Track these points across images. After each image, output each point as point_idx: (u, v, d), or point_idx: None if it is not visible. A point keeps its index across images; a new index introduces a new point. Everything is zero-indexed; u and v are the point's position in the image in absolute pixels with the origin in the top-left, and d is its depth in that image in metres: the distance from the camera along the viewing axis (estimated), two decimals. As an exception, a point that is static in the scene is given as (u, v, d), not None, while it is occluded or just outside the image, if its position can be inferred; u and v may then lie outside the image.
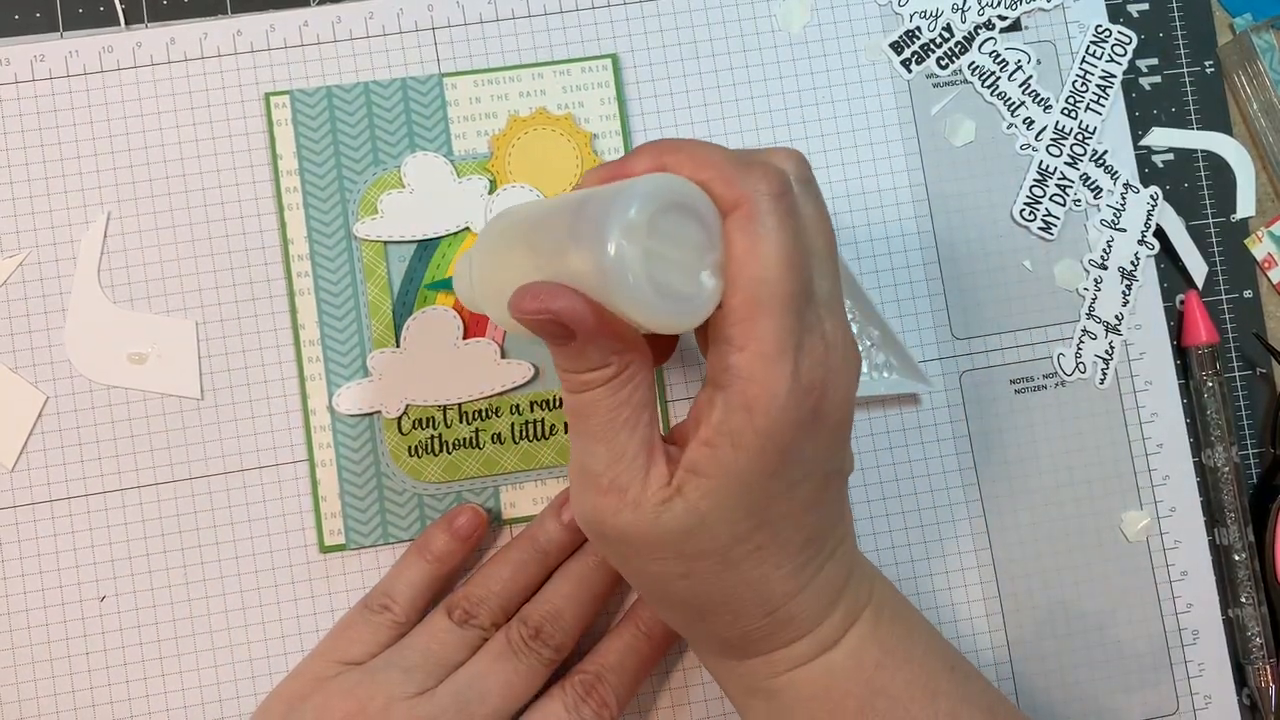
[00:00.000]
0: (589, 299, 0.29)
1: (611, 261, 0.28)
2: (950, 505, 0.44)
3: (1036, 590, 0.44)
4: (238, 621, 0.42)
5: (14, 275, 0.43)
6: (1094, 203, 0.45)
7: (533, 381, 0.43)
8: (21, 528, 0.42)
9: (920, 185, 0.45)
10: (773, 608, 0.32)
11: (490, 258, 0.34)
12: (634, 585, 0.35)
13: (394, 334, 0.43)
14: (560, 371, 0.31)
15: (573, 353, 0.30)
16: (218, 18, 0.44)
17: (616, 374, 0.30)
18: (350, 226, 0.43)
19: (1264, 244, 0.46)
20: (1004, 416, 0.45)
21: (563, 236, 0.30)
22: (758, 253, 0.28)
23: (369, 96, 0.44)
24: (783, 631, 0.33)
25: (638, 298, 0.28)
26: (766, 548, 0.31)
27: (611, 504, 0.31)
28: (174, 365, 0.43)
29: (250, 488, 0.42)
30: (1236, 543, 0.44)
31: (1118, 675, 0.44)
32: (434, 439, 0.43)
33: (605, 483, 0.31)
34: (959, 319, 0.45)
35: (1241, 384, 0.46)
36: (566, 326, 0.29)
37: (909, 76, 0.46)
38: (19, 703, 0.41)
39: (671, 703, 0.43)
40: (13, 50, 0.43)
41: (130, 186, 0.43)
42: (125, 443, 0.42)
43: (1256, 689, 0.44)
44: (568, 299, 0.29)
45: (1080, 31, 0.46)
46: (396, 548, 0.43)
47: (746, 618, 0.32)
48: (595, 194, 0.30)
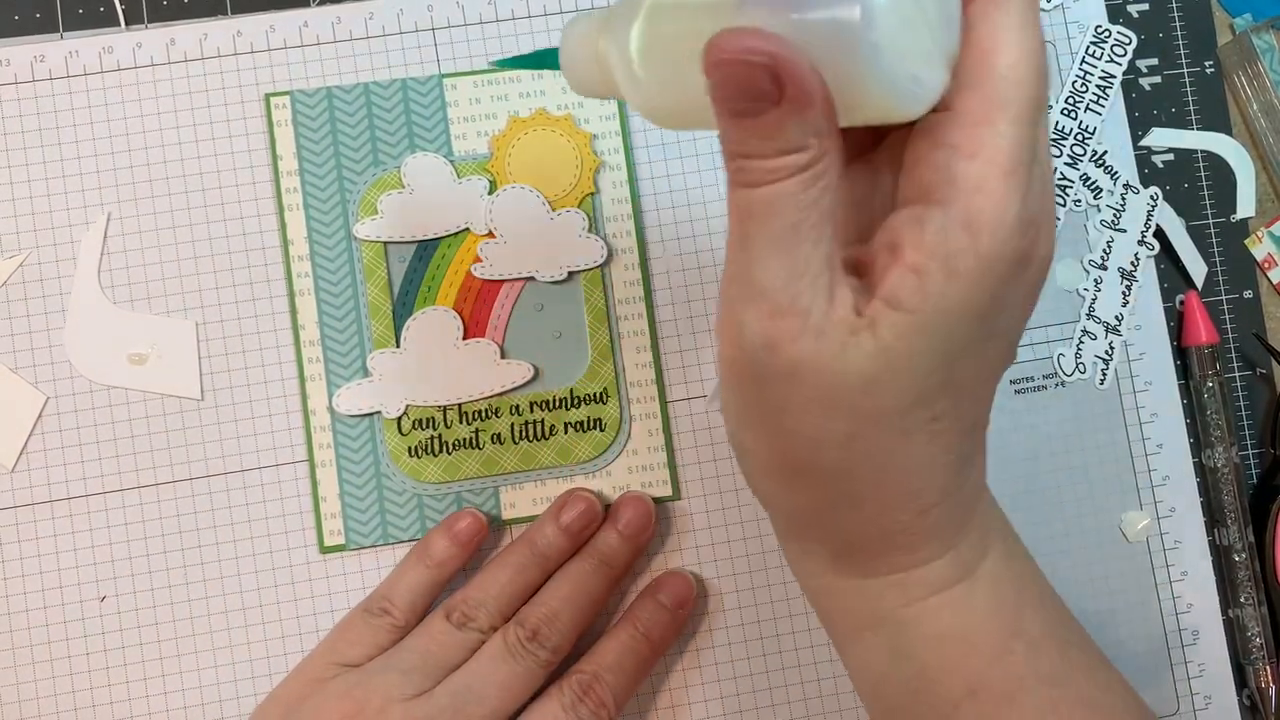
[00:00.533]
0: None
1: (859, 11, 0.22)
2: (950, 505, 0.44)
3: (1036, 590, 0.44)
4: (238, 621, 0.42)
5: (14, 275, 0.43)
6: (1094, 203, 0.45)
7: (533, 382, 0.43)
8: (21, 528, 0.42)
9: (920, 185, 0.45)
10: (927, 504, 0.28)
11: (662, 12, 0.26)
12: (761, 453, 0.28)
13: (394, 334, 0.43)
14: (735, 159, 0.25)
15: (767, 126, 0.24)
16: (218, 18, 0.44)
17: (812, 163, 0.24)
18: (350, 227, 0.43)
19: (1264, 244, 0.46)
20: (1004, 416, 0.45)
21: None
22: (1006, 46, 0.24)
23: (369, 97, 0.44)
24: (928, 542, 0.29)
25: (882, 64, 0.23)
26: (943, 419, 0.26)
27: (789, 329, 0.25)
28: (174, 365, 0.43)
29: (250, 488, 0.42)
30: (1236, 543, 0.44)
31: (1118, 675, 0.44)
32: (434, 439, 0.43)
33: (784, 302, 0.25)
34: (959, 319, 0.45)
35: (1241, 384, 0.46)
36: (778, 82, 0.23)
37: (909, 77, 0.45)
38: (19, 703, 0.41)
39: (671, 703, 0.43)
40: (13, 50, 0.43)
41: (130, 187, 0.43)
42: (125, 443, 0.42)
43: (1256, 689, 0.44)
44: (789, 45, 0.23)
45: (1080, 32, 0.46)
46: (396, 548, 0.43)
47: (896, 511, 0.28)
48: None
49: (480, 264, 0.43)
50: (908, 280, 0.24)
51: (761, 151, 0.24)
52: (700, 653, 0.43)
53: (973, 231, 0.24)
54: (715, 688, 0.43)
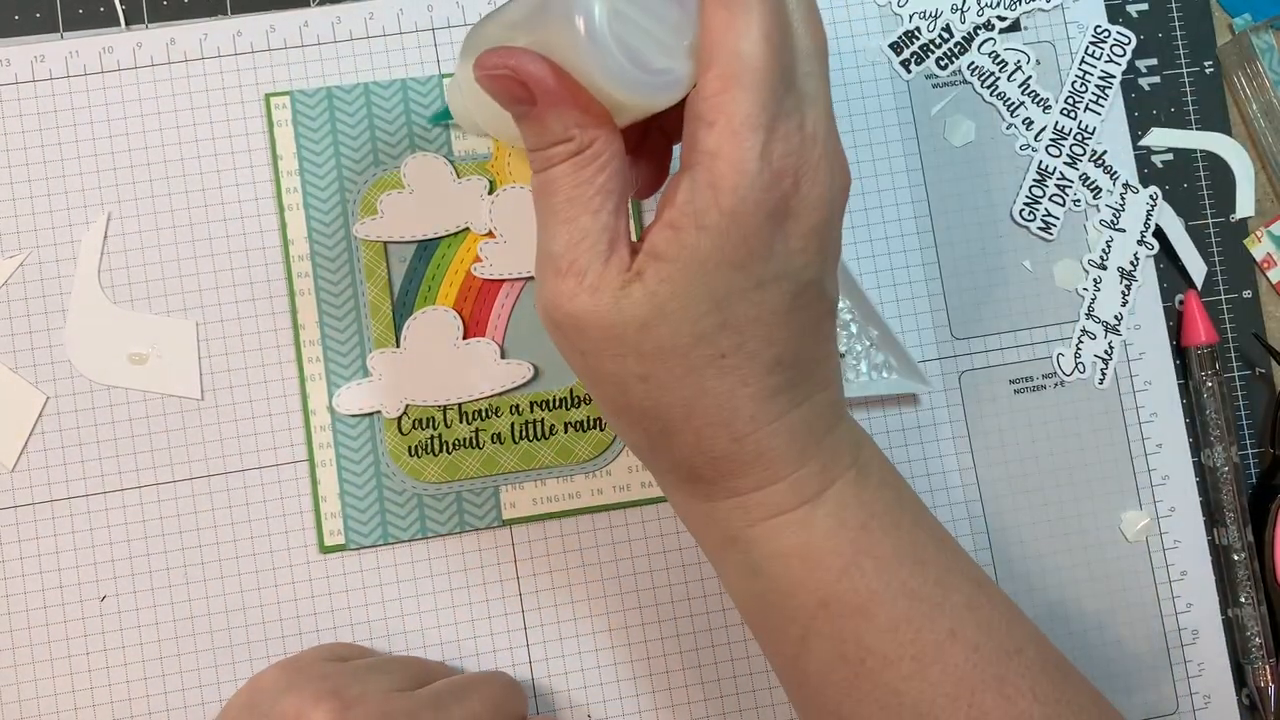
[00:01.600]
0: (553, 63, 0.28)
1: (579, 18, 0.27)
2: (950, 505, 0.44)
3: (1036, 590, 0.44)
4: (238, 621, 0.42)
5: (14, 275, 0.43)
6: (1093, 203, 0.45)
7: (533, 381, 0.43)
8: (22, 528, 0.42)
9: (920, 185, 0.45)
10: (740, 432, 0.31)
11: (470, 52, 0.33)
12: (592, 394, 0.33)
13: (394, 334, 0.43)
14: (528, 153, 0.31)
15: (534, 122, 0.29)
16: (218, 18, 0.44)
17: (579, 149, 0.29)
18: (350, 226, 0.43)
19: (1263, 244, 0.46)
20: (1004, 416, 0.45)
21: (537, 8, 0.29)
22: (735, 26, 0.28)
23: (369, 97, 0.44)
24: (753, 467, 0.32)
25: (605, 60, 0.28)
26: (731, 356, 0.30)
27: (569, 287, 0.30)
28: (174, 365, 0.43)
29: (250, 488, 0.43)
30: (1236, 543, 0.44)
31: (1118, 675, 0.44)
32: (434, 439, 0.43)
33: (564, 265, 0.30)
34: (958, 319, 0.45)
35: (1241, 384, 0.46)
36: (527, 88, 0.29)
37: (908, 77, 0.46)
38: (19, 703, 0.41)
39: (671, 702, 0.43)
40: (13, 50, 0.43)
41: (130, 187, 0.43)
42: (125, 443, 0.42)
43: (1256, 689, 0.44)
44: (529, 58, 0.28)
45: (1079, 32, 0.46)
46: (396, 548, 0.43)
47: (710, 439, 0.31)
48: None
49: (480, 264, 0.43)
50: (665, 235, 0.29)
51: (538, 144, 0.30)
52: (700, 652, 0.43)
53: (715, 189, 0.28)
54: (715, 687, 0.43)
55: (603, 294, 0.29)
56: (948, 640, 0.32)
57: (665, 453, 0.32)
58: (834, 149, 0.31)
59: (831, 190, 0.30)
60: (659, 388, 0.30)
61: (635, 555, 0.43)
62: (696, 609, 0.43)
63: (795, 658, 0.34)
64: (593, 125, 0.29)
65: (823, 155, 0.30)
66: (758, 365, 0.30)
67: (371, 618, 0.43)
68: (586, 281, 0.29)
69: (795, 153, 0.29)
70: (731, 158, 0.28)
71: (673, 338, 0.29)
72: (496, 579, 0.43)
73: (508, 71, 0.28)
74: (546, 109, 0.29)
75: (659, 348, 0.30)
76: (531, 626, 0.43)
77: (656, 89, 0.29)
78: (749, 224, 0.28)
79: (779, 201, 0.29)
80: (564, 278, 0.30)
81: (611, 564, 0.43)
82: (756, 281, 0.29)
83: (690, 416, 0.31)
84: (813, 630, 0.33)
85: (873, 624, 0.32)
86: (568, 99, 0.29)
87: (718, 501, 0.33)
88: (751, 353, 0.30)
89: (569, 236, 0.30)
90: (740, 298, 0.29)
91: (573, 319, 0.30)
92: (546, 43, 0.29)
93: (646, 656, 0.43)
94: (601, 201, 0.30)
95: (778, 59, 0.28)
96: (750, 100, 0.28)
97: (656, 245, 0.29)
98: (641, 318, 0.29)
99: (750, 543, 0.33)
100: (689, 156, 0.29)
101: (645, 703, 0.43)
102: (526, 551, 0.43)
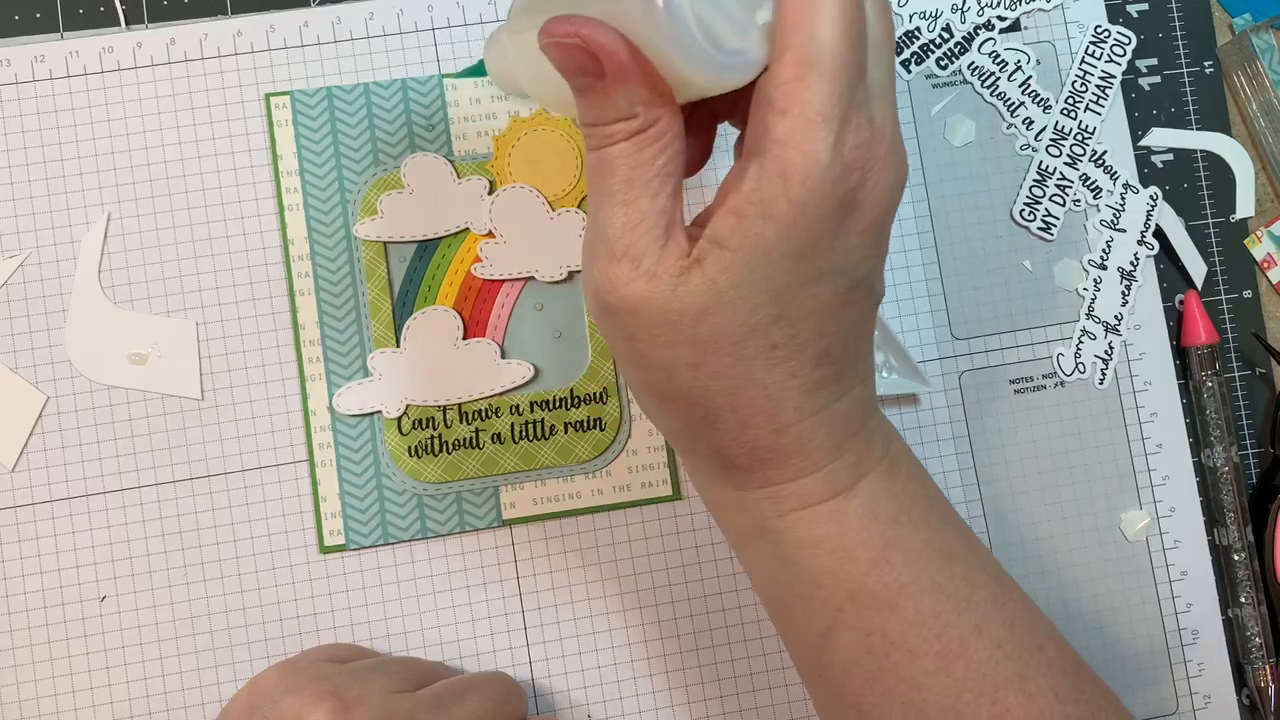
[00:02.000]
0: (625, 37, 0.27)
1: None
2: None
3: (1036, 590, 0.44)
4: (238, 621, 0.42)
5: (14, 275, 0.43)
6: (1093, 203, 0.45)
7: (533, 381, 0.43)
8: (22, 528, 0.42)
9: (920, 185, 0.45)
10: (783, 424, 0.31)
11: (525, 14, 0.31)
12: (636, 382, 0.32)
13: (394, 334, 0.43)
14: (584, 127, 0.29)
15: (598, 97, 0.28)
16: (218, 18, 0.44)
17: (642, 128, 0.28)
18: (350, 226, 0.43)
19: (1263, 244, 0.46)
20: (1004, 416, 0.45)
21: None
22: (814, 11, 0.27)
23: (369, 97, 0.44)
24: (792, 459, 0.32)
25: (681, 36, 0.26)
26: (783, 348, 0.30)
27: (625, 272, 0.29)
28: (174, 365, 0.43)
29: (250, 488, 0.43)
30: (1236, 543, 0.44)
31: (1118, 675, 0.44)
32: (434, 439, 0.43)
33: (620, 249, 0.29)
34: (959, 319, 0.45)
35: (1241, 384, 0.46)
36: (596, 60, 0.27)
37: (908, 77, 0.46)
38: (19, 703, 0.41)
39: (671, 702, 0.43)
40: (13, 50, 0.43)
41: (130, 187, 0.43)
42: (125, 443, 0.42)
43: (1256, 689, 0.44)
44: (602, 29, 0.27)
45: (1080, 32, 0.46)
46: (396, 548, 0.43)
47: (754, 428, 0.31)
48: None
49: (480, 264, 0.43)
50: (729, 222, 0.28)
51: (599, 119, 0.29)
52: (700, 652, 0.43)
53: (785, 179, 0.27)
54: (715, 687, 0.43)
55: (660, 280, 0.29)
56: (973, 636, 0.32)
57: (705, 441, 0.32)
58: (899, 144, 0.30)
59: (894, 186, 0.30)
60: (709, 376, 0.30)
61: (635, 555, 0.43)
62: (697, 609, 0.43)
63: (820, 650, 0.34)
64: (657, 103, 0.28)
65: (889, 150, 0.29)
66: (807, 358, 0.30)
67: (371, 618, 0.43)
68: (643, 267, 0.29)
69: (865, 145, 0.28)
70: (804, 147, 0.27)
71: (728, 326, 0.29)
72: (496, 579, 0.43)
73: (579, 41, 0.27)
74: (614, 84, 0.28)
75: (713, 336, 0.29)
76: (531, 626, 0.43)
77: (729, 70, 0.28)
78: (815, 216, 0.28)
79: (847, 195, 0.28)
80: (619, 262, 0.29)
81: (611, 564, 0.43)
82: (816, 274, 0.29)
83: (736, 406, 0.31)
84: (839, 622, 0.33)
85: (899, 617, 0.32)
86: (637, 74, 0.27)
87: (751, 491, 0.33)
88: (802, 345, 0.30)
89: (626, 219, 0.29)
90: (798, 290, 0.29)
91: (627, 304, 0.29)
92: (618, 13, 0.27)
93: (647, 656, 0.43)
94: (661, 184, 0.29)
95: (855, 48, 0.27)
96: (827, 90, 0.27)
97: (719, 232, 0.29)
98: (699, 305, 0.29)
99: (781, 533, 0.33)
100: (758, 143, 0.28)
101: (645, 703, 0.43)
102: (526, 551, 0.43)
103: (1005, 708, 0.32)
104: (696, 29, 0.27)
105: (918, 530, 0.33)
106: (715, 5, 0.27)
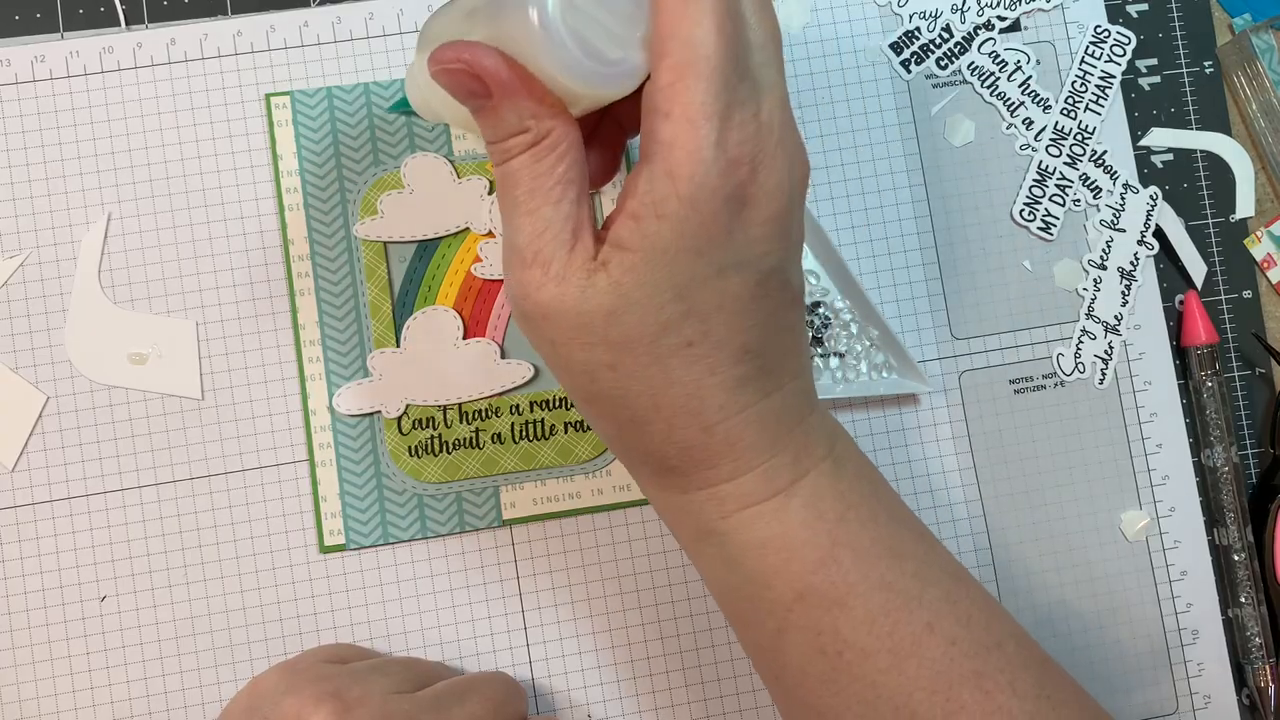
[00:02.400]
0: (507, 56, 0.29)
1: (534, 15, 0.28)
2: (950, 505, 0.44)
3: (1036, 590, 0.44)
4: (238, 621, 0.42)
5: (14, 275, 0.43)
6: (1093, 203, 0.45)
7: (533, 381, 0.43)
8: (22, 528, 0.42)
9: (920, 185, 0.45)
10: (709, 422, 0.31)
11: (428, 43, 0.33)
12: (564, 384, 0.33)
13: (394, 334, 0.43)
14: (487, 146, 0.31)
15: (490, 115, 0.30)
16: (218, 18, 0.44)
17: (535, 140, 0.30)
18: (350, 226, 0.43)
19: (1263, 244, 0.46)
20: (1004, 416, 0.45)
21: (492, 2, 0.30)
22: (687, 15, 0.28)
23: (369, 97, 0.44)
24: (724, 458, 0.32)
25: (558, 51, 0.28)
26: (698, 345, 0.30)
27: (535, 277, 0.30)
28: (174, 365, 0.43)
29: (250, 488, 0.43)
30: (1236, 543, 0.44)
31: (1117, 675, 0.44)
32: (434, 439, 0.43)
33: (529, 256, 0.30)
34: (959, 319, 0.45)
35: (1241, 384, 0.46)
36: (481, 82, 0.29)
37: (908, 77, 0.46)
38: (19, 703, 0.41)
39: (671, 702, 0.43)
40: (13, 50, 0.43)
41: (130, 187, 0.43)
42: (125, 443, 0.42)
43: (1256, 689, 0.44)
44: (483, 51, 0.29)
45: (1079, 32, 0.46)
46: (396, 548, 0.43)
47: (681, 428, 0.31)
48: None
49: (480, 263, 0.43)
50: (627, 225, 0.29)
51: (495, 136, 0.30)
52: (700, 652, 0.43)
53: (673, 178, 0.28)
54: (715, 686, 0.43)
55: (569, 283, 0.30)
56: (925, 633, 0.32)
57: (636, 443, 0.33)
58: (791, 138, 0.31)
59: (790, 178, 0.31)
60: (627, 376, 0.31)
61: (635, 555, 0.43)
62: (696, 609, 0.43)
63: (773, 651, 0.34)
64: (548, 115, 0.30)
65: (779, 143, 0.30)
66: (725, 354, 0.31)
67: (371, 618, 0.43)
68: (552, 271, 0.30)
69: (751, 140, 0.29)
70: (687, 146, 0.28)
71: (639, 326, 0.30)
72: (496, 579, 0.43)
73: (462, 65, 0.29)
74: (501, 101, 0.29)
75: (626, 336, 0.30)
76: (531, 626, 0.43)
77: (610, 79, 0.29)
78: (706, 210, 0.29)
79: (736, 189, 0.29)
80: (530, 268, 0.30)
81: (611, 564, 0.43)
82: (718, 269, 0.30)
83: (659, 406, 0.31)
84: (789, 623, 0.33)
85: (850, 616, 0.32)
86: (522, 91, 0.29)
87: (691, 493, 0.33)
88: (718, 341, 0.31)
89: (532, 227, 0.30)
90: (702, 285, 0.30)
91: (540, 308, 0.30)
92: (500, 35, 0.29)
93: (647, 656, 0.43)
94: (562, 191, 0.30)
95: (730, 48, 0.28)
96: (704, 89, 0.28)
97: (619, 235, 0.29)
98: (608, 306, 0.30)
99: (725, 535, 0.33)
100: (647, 147, 0.29)
101: (645, 703, 0.43)
102: (526, 551, 0.43)
103: (960, 705, 0.32)
104: (573, 44, 0.28)
105: (866, 529, 0.33)
106: (592, 21, 0.29)
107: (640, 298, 0.29)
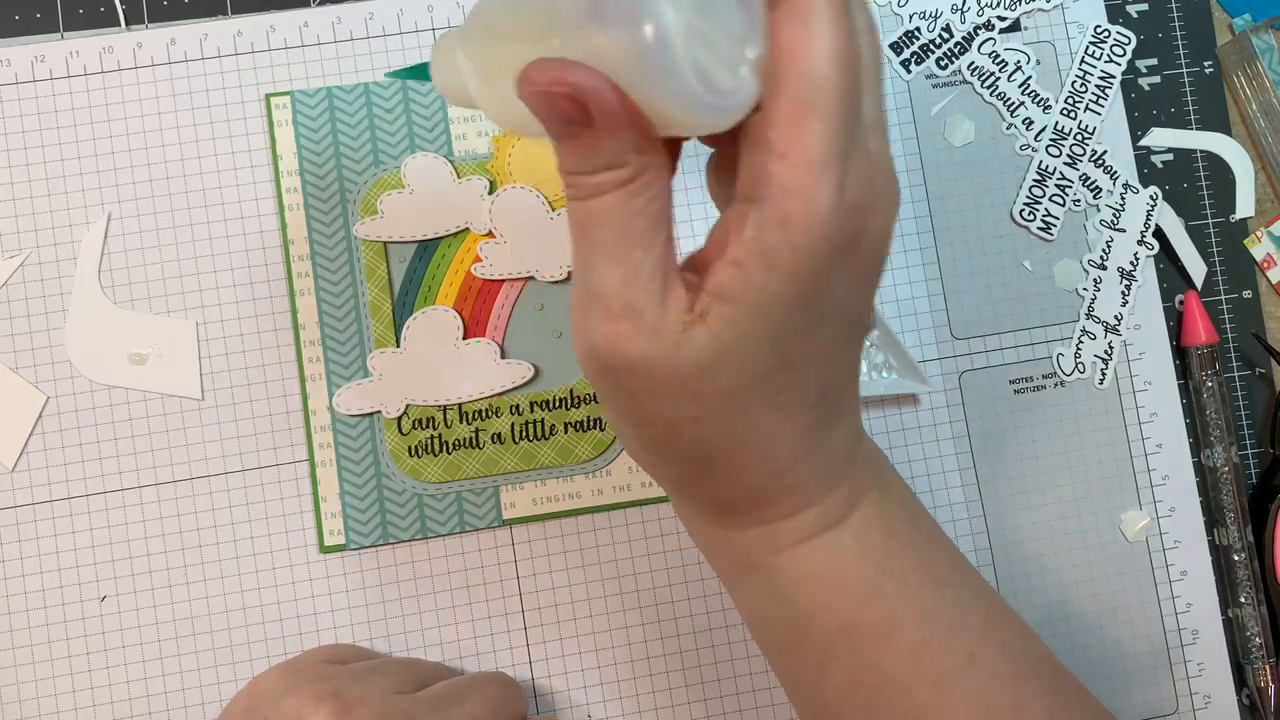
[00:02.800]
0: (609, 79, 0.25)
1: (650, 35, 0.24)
2: (950, 505, 0.44)
3: (1036, 590, 0.44)
4: (238, 621, 0.42)
5: (14, 275, 0.43)
6: (1093, 203, 0.45)
7: (533, 381, 0.43)
8: (22, 528, 0.42)
9: (920, 185, 0.45)
10: (781, 466, 0.30)
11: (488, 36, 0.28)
12: (629, 435, 0.31)
13: (394, 334, 0.43)
14: (565, 175, 0.27)
15: (585, 146, 0.26)
16: (218, 18, 0.44)
17: (633, 176, 0.26)
18: (350, 226, 0.43)
19: (1263, 244, 0.46)
20: (1004, 416, 0.45)
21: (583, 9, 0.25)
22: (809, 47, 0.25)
23: (369, 97, 0.44)
24: (788, 497, 0.31)
25: (674, 79, 0.24)
26: (784, 393, 0.28)
27: (625, 331, 0.27)
28: (174, 365, 0.43)
29: (250, 488, 0.43)
30: (1236, 543, 0.44)
31: (1117, 675, 0.44)
32: (434, 439, 0.43)
33: (617, 306, 0.27)
34: (958, 319, 0.45)
35: (1241, 384, 0.46)
36: (584, 108, 0.25)
37: (908, 77, 0.46)
38: (19, 703, 0.41)
39: (671, 702, 0.43)
40: (13, 50, 0.43)
41: (130, 187, 0.43)
42: (125, 443, 0.42)
43: (1256, 689, 0.44)
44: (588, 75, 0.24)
45: (1079, 32, 0.46)
46: (396, 548, 0.43)
47: (752, 474, 0.30)
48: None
49: (480, 264, 0.43)
50: (731, 274, 0.26)
51: (585, 168, 0.26)
52: (700, 652, 0.43)
53: (788, 227, 0.26)
54: (715, 686, 0.43)
55: (663, 338, 0.27)
56: (966, 665, 0.32)
57: (699, 489, 0.31)
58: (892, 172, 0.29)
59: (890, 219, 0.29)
60: (710, 428, 0.29)
61: (635, 555, 0.43)
62: (696, 609, 0.43)
63: (813, 683, 0.33)
64: (650, 150, 0.26)
65: (886, 184, 0.28)
66: (803, 399, 0.29)
67: (371, 618, 0.43)
68: (644, 324, 0.27)
69: (865, 184, 0.27)
70: (806, 194, 0.25)
71: (734, 379, 0.28)
72: (496, 579, 0.43)
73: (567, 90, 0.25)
74: (605, 132, 0.25)
75: (717, 390, 0.28)
76: (531, 626, 0.43)
77: (721, 112, 0.25)
78: (821, 262, 0.26)
79: (851, 238, 0.27)
80: (617, 320, 0.27)
81: (611, 564, 0.43)
82: (819, 319, 0.28)
83: (736, 455, 0.30)
84: (831, 656, 0.32)
85: (893, 650, 0.32)
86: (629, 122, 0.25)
87: (747, 530, 0.32)
88: (801, 389, 0.29)
89: (622, 274, 0.27)
90: (800, 336, 0.28)
91: (629, 363, 0.27)
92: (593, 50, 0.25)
93: (646, 656, 0.43)
94: (654, 234, 0.27)
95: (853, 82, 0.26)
96: (826, 130, 0.25)
97: (722, 284, 0.27)
98: (704, 362, 0.27)
99: (775, 569, 0.32)
100: (754, 189, 0.26)
101: (645, 703, 0.43)
102: (526, 551, 0.43)
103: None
104: (690, 70, 0.24)
105: (907, 555, 0.32)
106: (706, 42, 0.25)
107: (738, 351, 0.27)
